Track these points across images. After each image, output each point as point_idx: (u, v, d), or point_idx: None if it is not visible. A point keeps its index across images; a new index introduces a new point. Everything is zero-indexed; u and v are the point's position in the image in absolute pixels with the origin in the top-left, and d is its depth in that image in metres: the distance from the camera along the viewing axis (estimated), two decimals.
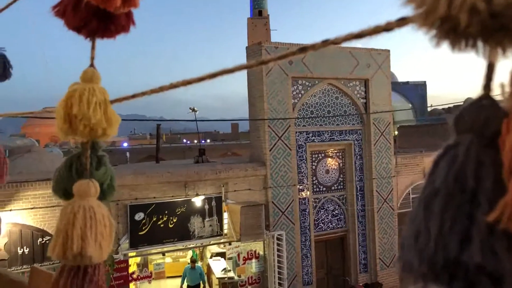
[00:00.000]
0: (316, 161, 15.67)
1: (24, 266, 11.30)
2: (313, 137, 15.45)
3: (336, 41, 0.60)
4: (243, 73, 15.73)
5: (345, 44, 0.64)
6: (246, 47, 15.34)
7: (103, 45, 0.91)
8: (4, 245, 11.17)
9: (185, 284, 13.66)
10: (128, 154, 28.58)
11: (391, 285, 16.35)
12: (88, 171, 0.86)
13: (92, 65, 0.88)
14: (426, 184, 0.46)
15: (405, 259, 0.44)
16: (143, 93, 0.83)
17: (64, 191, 0.89)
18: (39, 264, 11.38)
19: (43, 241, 11.70)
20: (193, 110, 22.24)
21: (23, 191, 11.37)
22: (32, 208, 11.45)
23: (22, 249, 11.47)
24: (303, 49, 0.64)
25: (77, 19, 0.88)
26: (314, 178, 15.60)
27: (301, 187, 15.04)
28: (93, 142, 0.89)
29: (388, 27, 0.55)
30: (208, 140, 40.02)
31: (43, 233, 11.64)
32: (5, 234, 11.13)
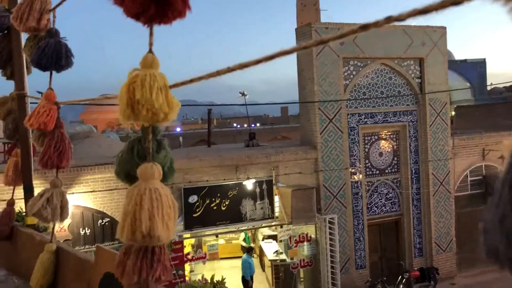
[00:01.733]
0: (369, 144, 15.36)
1: (86, 246, 11.93)
2: (366, 119, 15.13)
3: (400, 18, 0.57)
4: (293, 56, 15.58)
5: (398, 22, 0.61)
6: (296, 29, 15.14)
7: (158, 31, 0.92)
8: (68, 226, 11.81)
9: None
10: (181, 138, 29.24)
11: (447, 270, 15.90)
12: (150, 155, 0.88)
13: (151, 51, 0.90)
14: (510, 166, 0.43)
15: (489, 244, 0.42)
16: (200, 78, 0.83)
17: (126, 174, 0.91)
18: (99, 245, 11.99)
19: (103, 223, 12.27)
20: (243, 94, 22.34)
21: (83, 175, 11.92)
22: (92, 191, 12.01)
23: (84, 230, 12.09)
24: (365, 26, 0.61)
25: (136, 5, 0.89)
26: (367, 161, 15.31)
27: (353, 170, 14.82)
28: (153, 127, 0.91)
29: (457, 0, 0.52)
30: (258, 124, 40.17)
31: (103, 215, 12.20)
32: (69, 216, 11.77)
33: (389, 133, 15.72)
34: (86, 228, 12.13)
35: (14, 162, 1.94)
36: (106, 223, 12.31)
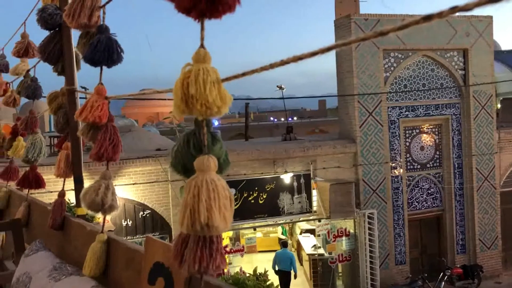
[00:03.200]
0: (410, 138, 15.02)
1: (128, 237, 12.26)
2: (407, 112, 14.79)
3: (467, 7, 0.55)
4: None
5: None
6: (334, 21, 14.95)
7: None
8: (110, 217, 12.18)
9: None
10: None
11: (492, 268, 15.38)
12: (206, 147, 0.90)
13: (202, 45, 0.91)
14: None
15: None
16: (253, 71, 0.84)
17: (183, 166, 0.93)
18: (140, 236, 12.29)
19: (144, 214, 12.58)
20: (280, 88, 22.27)
21: (125, 167, 12.23)
22: (133, 184, 12.31)
23: (126, 221, 12.43)
24: (428, 17, 0.59)
25: (188, 0, 0.90)
26: (408, 155, 14.98)
27: (393, 164, 14.54)
28: (206, 120, 0.92)
29: None
30: (295, 118, 39.96)
31: (144, 207, 12.50)
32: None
33: (431, 127, 15.32)
34: (128, 220, 12.47)
35: (65, 154, 2.01)
36: (147, 215, 12.61)
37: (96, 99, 1.53)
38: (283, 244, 13.48)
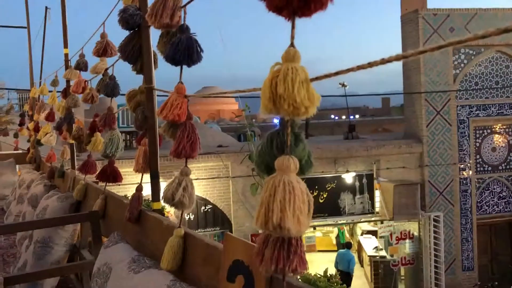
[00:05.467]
0: (480, 138, 14.25)
1: None
2: (477, 111, 14.05)
3: None
4: (396, 43, 14.95)
5: None
6: (401, 16, 14.47)
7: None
8: (174, 211, 12.55)
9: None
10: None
11: None
12: (289, 148, 0.89)
13: (292, 44, 0.90)
14: None
15: None
16: (349, 70, 0.81)
17: (266, 165, 0.93)
18: (202, 230, 12.57)
19: (206, 209, 12.84)
20: (343, 85, 21.93)
21: (189, 163, 12.40)
22: (196, 179, 12.60)
23: (188, 216, 12.75)
24: None
25: None
26: (478, 157, 14.23)
27: (462, 166, 13.88)
28: (291, 120, 0.91)
29: None
30: (357, 116, 39.18)
31: (206, 202, 12.76)
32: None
33: (504, 127, 14.45)
34: (190, 214, 12.78)
35: (143, 150, 2.08)
36: (209, 210, 12.87)
37: (176, 97, 1.57)
38: (347, 245, 13.28)
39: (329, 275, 5.30)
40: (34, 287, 3.00)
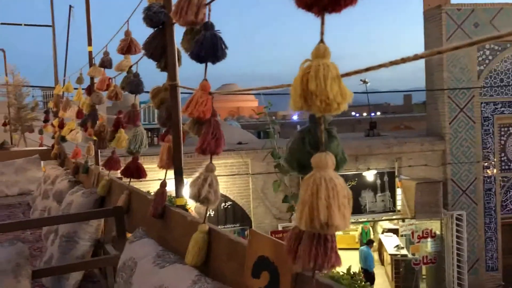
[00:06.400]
0: (505, 136, 13.96)
1: None
2: (503, 108, 13.75)
3: None
4: (418, 39, 14.70)
5: None
6: (424, 12, 14.25)
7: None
8: (194, 207, 12.64)
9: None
10: (298, 127, 29.43)
11: None
12: (324, 144, 0.88)
13: (322, 41, 0.89)
14: None
15: None
16: (380, 65, 0.81)
17: (298, 163, 0.93)
18: (222, 226, 12.63)
19: (226, 206, 12.90)
20: (364, 82, 21.73)
21: (215, 160, 12.60)
22: (216, 176, 12.65)
23: (208, 212, 12.80)
24: None
25: None
26: (503, 155, 13.94)
27: (486, 164, 13.62)
28: (323, 116, 0.90)
29: None
30: (378, 113, 38.77)
31: (226, 198, 12.81)
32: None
33: None
34: (211, 210, 12.86)
35: (167, 147, 2.10)
36: (229, 206, 12.93)
37: (200, 94, 1.58)
38: (367, 242, 13.25)
39: (352, 273, 5.27)
40: (59, 281, 3.06)
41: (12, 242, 2.36)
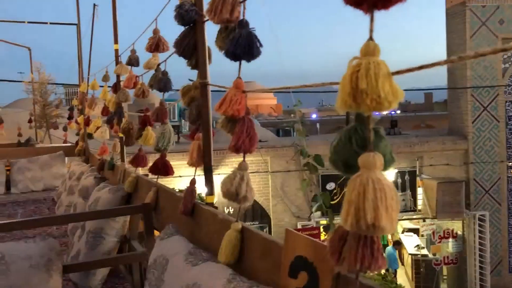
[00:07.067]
0: None
1: None
2: None
3: None
4: (440, 36, 14.48)
5: None
6: (446, 9, 14.02)
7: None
8: (214, 203, 12.69)
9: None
10: (318, 125, 29.24)
11: None
12: (372, 144, 0.87)
13: (371, 38, 0.88)
14: None
15: None
16: (434, 64, 0.79)
17: (344, 163, 0.91)
18: None
19: None
20: None
21: (228, 157, 12.62)
22: None
23: (228, 209, 12.86)
24: None
25: None
26: None
27: (510, 163, 13.36)
28: (370, 115, 0.89)
29: None
30: (399, 111, 38.29)
31: None
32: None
33: None
34: (230, 207, 12.89)
35: (197, 145, 2.11)
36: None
37: (234, 92, 1.58)
38: (394, 243, 13.10)
39: (382, 273, 5.21)
40: (87, 276, 3.10)
41: (43, 237, 2.40)
